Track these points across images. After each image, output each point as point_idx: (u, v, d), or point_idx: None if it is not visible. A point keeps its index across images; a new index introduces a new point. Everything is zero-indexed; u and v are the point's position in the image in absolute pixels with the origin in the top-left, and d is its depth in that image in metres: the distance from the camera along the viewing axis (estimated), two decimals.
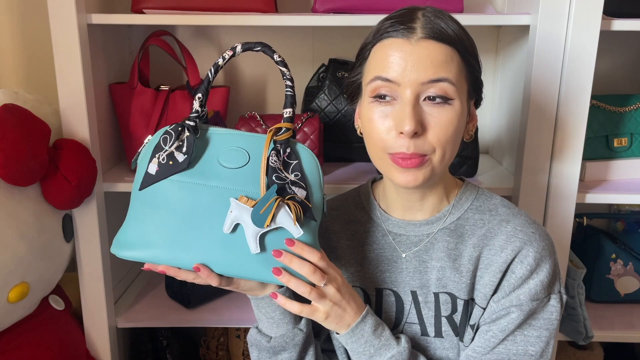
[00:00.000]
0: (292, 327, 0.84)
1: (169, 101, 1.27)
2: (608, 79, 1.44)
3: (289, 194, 0.74)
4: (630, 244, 1.35)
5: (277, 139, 0.77)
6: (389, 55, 0.76)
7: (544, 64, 1.12)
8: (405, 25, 0.76)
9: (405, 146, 0.75)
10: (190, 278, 0.76)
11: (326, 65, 1.39)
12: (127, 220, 0.77)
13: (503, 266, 0.81)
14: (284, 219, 0.72)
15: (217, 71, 0.79)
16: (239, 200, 0.73)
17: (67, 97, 1.14)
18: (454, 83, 0.75)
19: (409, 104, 0.74)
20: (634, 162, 1.28)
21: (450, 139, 0.76)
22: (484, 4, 1.41)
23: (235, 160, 0.76)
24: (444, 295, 0.85)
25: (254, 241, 0.72)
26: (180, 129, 0.76)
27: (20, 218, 1.07)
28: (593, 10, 1.07)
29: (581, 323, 1.24)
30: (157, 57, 1.40)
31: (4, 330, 1.12)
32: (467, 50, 0.77)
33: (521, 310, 0.80)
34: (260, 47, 0.78)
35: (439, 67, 0.74)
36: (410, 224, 0.87)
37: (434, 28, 0.75)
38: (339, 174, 1.31)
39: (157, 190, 0.75)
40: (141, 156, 0.79)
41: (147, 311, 1.35)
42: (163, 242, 0.73)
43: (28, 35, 1.44)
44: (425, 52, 0.74)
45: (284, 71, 0.78)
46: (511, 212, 0.85)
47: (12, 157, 0.99)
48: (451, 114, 0.76)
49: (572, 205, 1.18)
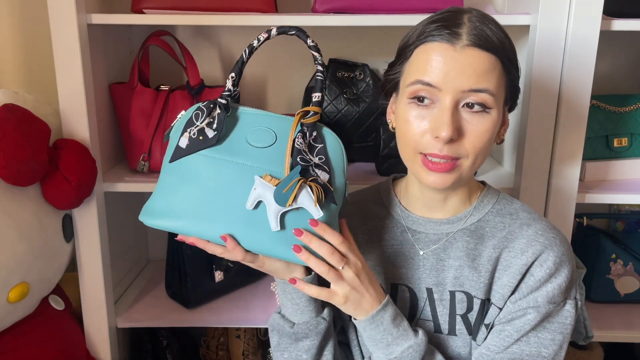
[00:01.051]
0: (316, 315, 0.85)
1: (169, 101, 1.27)
2: (608, 79, 1.44)
3: (312, 175, 0.75)
4: (630, 244, 1.35)
5: (305, 122, 0.78)
6: (432, 60, 0.76)
7: (544, 63, 1.12)
8: (450, 30, 0.76)
9: (439, 148, 0.76)
10: (218, 251, 0.77)
11: (326, 65, 1.39)
12: (156, 191, 0.79)
13: (523, 268, 0.82)
14: (305, 200, 0.74)
15: (251, 52, 0.82)
16: (263, 178, 0.74)
17: (67, 97, 1.14)
18: (493, 94, 0.76)
19: (448, 110, 0.75)
20: (634, 162, 1.28)
21: (485, 146, 0.78)
22: (484, 4, 1.41)
23: (262, 139, 0.79)
24: (460, 294, 0.85)
25: (274, 219, 0.74)
26: (212, 106, 0.79)
27: (20, 218, 1.07)
28: (593, 10, 1.07)
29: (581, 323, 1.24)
30: (157, 57, 1.40)
31: (4, 330, 1.12)
32: (509, 58, 0.78)
33: (538, 312, 0.80)
34: (295, 30, 0.81)
35: (481, 77, 0.75)
36: (431, 222, 0.88)
37: (479, 35, 0.75)
38: None
39: (187, 163, 0.77)
40: (174, 130, 0.81)
41: (147, 311, 1.35)
42: (189, 213, 0.75)
43: (28, 35, 1.44)
44: (469, 60, 0.75)
45: (315, 56, 0.82)
46: (532, 216, 0.86)
47: (12, 157, 0.99)
48: (488, 123, 0.77)
49: (572, 205, 1.18)
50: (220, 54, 1.46)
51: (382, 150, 1.24)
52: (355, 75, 1.37)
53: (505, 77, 0.78)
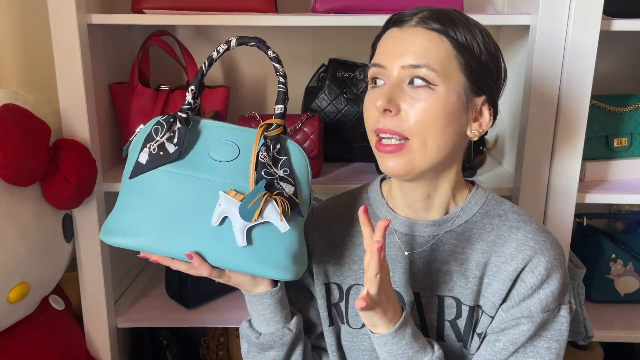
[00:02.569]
0: (282, 327, 0.84)
1: (169, 101, 1.27)
2: (608, 79, 1.44)
3: (277, 189, 0.75)
4: (630, 244, 1.35)
5: (268, 135, 0.78)
6: (384, 43, 0.80)
7: (544, 64, 1.12)
8: (407, 17, 0.78)
9: (382, 122, 0.76)
10: (183, 268, 0.76)
11: (326, 65, 1.39)
12: (116, 208, 0.78)
13: (513, 275, 0.80)
14: (271, 214, 0.73)
15: (210, 64, 0.80)
16: (227, 193, 0.74)
17: (67, 97, 1.14)
18: (435, 69, 0.75)
19: (387, 85, 0.77)
20: (634, 162, 1.28)
21: (430, 124, 0.75)
22: (484, 4, 1.41)
23: (225, 153, 0.77)
24: (449, 299, 0.84)
25: (241, 234, 0.73)
26: (172, 120, 0.77)
27: (21, 218, 1.07)
28: (593, 10, 1.07)
29: (581, 323, 1.24)
30: (157, 57, 1.40)
31: (4, 330, 1.12)
32: (468, 44, 0.77)
33: (532, 322, 0.79)
34: (254, 42, 0.79)
35: (419, 53, 0.75)
36: (417, 224, 0.86)
37: (428, 18, 0.77)
38: (339, 174, 1.31)
39: (147, 179, 0.75)
40: (132, 145, 0.79)
41: (147, 311, 1.35)
42: (152, 231, 0.74)
43: (28, 36, 1.44)
44: (411, 37, 0.77)
45: (277, 67, 0.80)
46: (522, 219, 0.84)
47: (12, 157, 0.99)
48: (432, 99, 0.75)
49: (572, 205, 1.18)
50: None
51: None
52: (355, 75, 1.37)
53: (458, 60, 0.76)
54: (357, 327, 0.90)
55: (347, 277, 0.90)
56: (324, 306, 0.91)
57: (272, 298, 0.82)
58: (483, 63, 0.79)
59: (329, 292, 0.92)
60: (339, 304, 0.91)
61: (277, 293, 0.82)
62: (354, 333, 0.90)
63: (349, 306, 0.90)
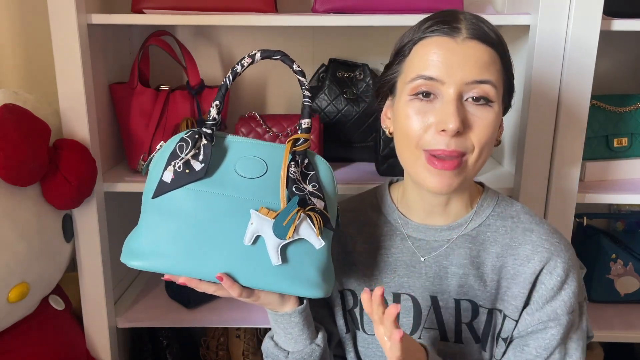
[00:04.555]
0: (310, 343, 0.83)
1: (169, 101, 1.27)
2: (608, 79, 1.44)
3: (310, 205, 0.73)
4: (630, 244, 1.35)
5: (296, 150, 0.76)
6: (433, 54, 0.75)
7: (544, 64, 1.12)
8: (449, 25, 0.75)
9: (445, 143, 0.73)
10: (211, 290, 0.74)
11: (326, 65, 1.39)
12: (138, 228, 0.75)
13: (531, 277, 0.80)
14: (306, 231, 0.72)
15: (234, 78, 0.78)
16: (259, 211, 0.72)
17: (67, 97, 1.14)
18: (496, 86, 0.75)
19: (452, 102, 0.73)
20: (634, 162, 1.28)
21: (489, 140, 0.76)
22: (484, 4, 1.41)
23: (252, 169, 0.75)
24: (465, 302, 0.84)
25: (275, 253, 0.72)
26: (197, 137, 0.75)
27: (20, 218, 1.07)
28: (593, 10, 1.07)
29: None
30: (157, 57, 1.40)
31: (4, 330, 1.12)
32: (507, 55, 0.78)
33: (560, 325, 0.79)
34: (279, 55, 0.77)
35: (484, 69, 0.74)
36: (431, 229, 0.85)
37: (478, 29, 0.75)
38: (339, 174, 1.31)
39: (172, 198, 0.73)
40: (154, 162, 0.76)
41: (147, 311, 1.35)
42: (179, 252, 0.72)
43: (28, 36, 1.44)
44: (471, 52, 0.74)
45: (302, 81, 0.77)
46: (534, 220, 0.84)
47: (12, 157, 0.99)
48: (492, 116, 0.75)
49: (572, 205, 1.18)
50: (220, 54, 1.46)
51: (382, 150, 1.24)
52: (355, 75, 1.37)
53: (504, 72, 0.78)
54: (372, 333, 0.89)
55: (361, 283, 0.89)
56: (340, 314, 0.91)
57: (300, 316, 0.81)
58: (512, 72, 0.80)
59: (344, 299, 0.91)
60: (354, 310, 0.91)
61: (304, 311, 0.81)
62: (370, 339, 0.90)
63: (364, 312, 0.89)
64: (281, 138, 1.24)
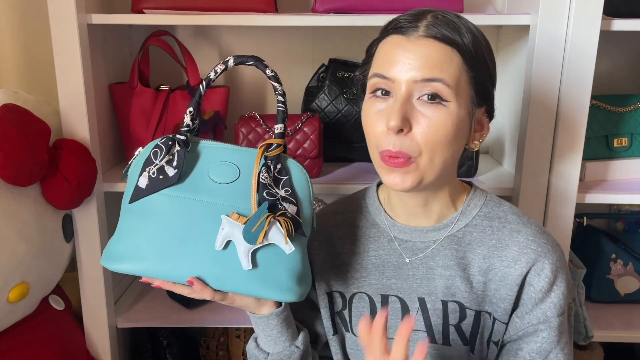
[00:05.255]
0: (290, 345, 0.84)
1: (169, 101, 1.27)
2: (608, 79, 1.44)
3: (280, 210, 0.74)
4: (630, 244, 1.35)
5: (268, 155, 0.76)
6: (389, 52, 0.75)
7: (544, 64, 1.12)
8: (410, 24, 0.74)
9: (392, 143, 0.73)
10: (186, 292, 0.76)
11: (326, 65, 1.39)
12: (117, 233, 0.77)
13: (519, 279, 0.80)
14: (276, 236, 0.72)
15: (208, 85, 0.79)
16: (230, 217, 0.73)
17: (67, 97, 1.14)
18: (449, 84, 0.72)
19: (399, 101, 0.73)
20: (634, 162, 1.28)
21: (441, 141, 0.73)
22: (484, 4, 1.41)
23: (225, 175, 0.76)
24: (452, 304, 0.83)
25: (246, 258, 0.72)
26: (170, 143, 0.76)
27: (20, 218, 1.07)
28: (593, 10, 1.07)
29: (581, 323, 1.24)
30: (157, 57, 1.40)
31: (4, 330, 1.12)
32: (475, 54, 0.75)
33: (551, 327, 0.79)
34: (253, 61, 0.78)
35: (435, 67, 0.72)
36: (417, 230, 0.85)
37: (436, 27, 0.73)
38: (339, 174, 1.31)
39: (148, 203, 0.75)
40: (131, 169, 0.78)
41: (147, 311, 1.35)
42: (154, 255, 0.73)
43: (28, 35, 1.44)
44: (423, 50, 0.73)
45: (275, 86, 0.78)
46: (521, 220, 0.83)
47: (12, 157, 0.99)
48: (444, 116, 0.73)
49: (572, 205, 1.18)
50: (220, 54, 1.46)
51: None
52: (355, 75, 1.37)
53: (467, 72, 0.74)
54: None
55: (349, 285, 0.89)
56: (328, 315, 0.91)
57: (278, 318, 0.81)
58: (487, 73, 0.78)
59: (332, 301, 0.91)
60: (343, 312, 0.90)
61: (282, 313, 0.81)
62: (358, 341, 0.89)
63: (353, 314, 0.89)
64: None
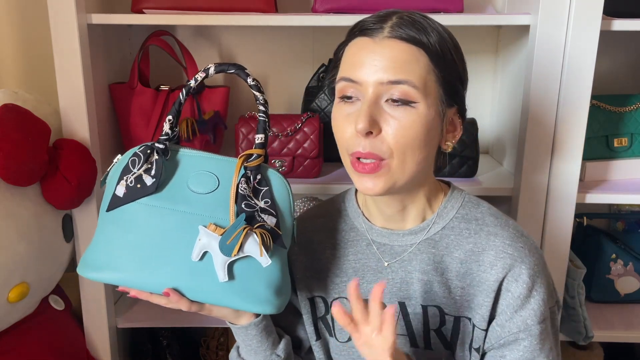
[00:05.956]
0: (270, 354, 0.84)
1: (169, 101, 1.27)
2: (608, 79, 1.44)
3: (258, 222, 0.73)
4: (630, 244, 1.35)
5: (248, 165, 0.75)
6: (355, 54, 0.74)
7: (544, 64, 1.12)
8: (376, 25, 0.73)
9: (362, 145, 0.72)
10: (162, 302, 0.75)
11: (326, 65, 1.39)
12: (93, 241, 0.76)
13: (495, 285, 0.78)
14: (252, 248, 0.71)
15: (188, 94, 0.78)
16: (207, 227, 0.72)
17: (67, 97, 1.14)
18: (416, 86, 0.71)
19: (366, 103, 0.71)
20: (634, 162, 1.28)
21: (411, 142, 0.72)
22: (484, 4, 1.41)
23: (204, 185, 0.75)
24: (432, 308, 0.82)
25: (222, 270, 0.72)
26: (149, 151, 0.75)
27: (20, 218, 1.07)
28: (593, 10, 1.07)
29: (581, 323, 1.24)
30: (157, 57, 1.40)
31: (4, 330, 1.12)
32: (442, 54, 0.73)
33: (532, 336, 0.77)
34: (234, 69, 0.76)
35: (400, 69, 0.71)
36: (394, 234, 0.83)
37: (401, 28, 0.72)
38: (339, 174, 1.31)
39: (125, 212, 0.74)
40: (110, 176, 0.77)
41: (147, 311, 1.35)
42: (130, 265, 0.73)
43: (28, 35, 1.44)
44: (387, 52, 0.71)
45: (257, 95, 0.77)
46: (499, 222, 0.81)
47: (12, 157, 0.99)
48: (413, 117, 0.71)
49: (572, 205, 1.18)
50: (220, 54, 1.46)
51: None
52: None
53: (435, 72, 0.73)
54: (344, 340, 0.88)
55: (330, 290, 0.88)
56: (310, 321, 0.90)
57: (257, 328, 0.81)
58: (456, 73, 0.76)
59: (314, 306, 0.90)
60: (326, 317, 0.90)
61: (260, 323, 0.81)
62: (342, 346, 0.89)
63: (335, 319, 0.89)
64: (281, 138, 1.24)
